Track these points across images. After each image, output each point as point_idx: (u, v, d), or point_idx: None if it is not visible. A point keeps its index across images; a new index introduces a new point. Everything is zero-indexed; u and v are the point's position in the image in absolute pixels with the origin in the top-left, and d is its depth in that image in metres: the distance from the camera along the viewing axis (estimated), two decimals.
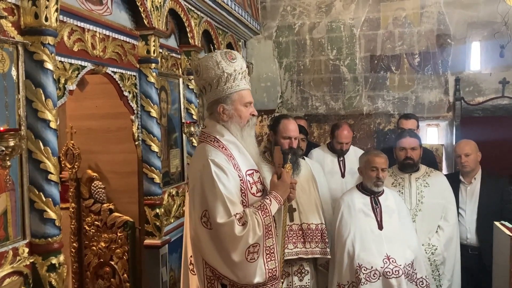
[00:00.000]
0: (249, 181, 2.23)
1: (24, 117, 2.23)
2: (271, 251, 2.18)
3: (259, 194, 2.27)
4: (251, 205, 2.19)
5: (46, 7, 2.24)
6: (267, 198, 2.22)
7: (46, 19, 2.24)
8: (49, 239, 2.29)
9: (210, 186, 2.10)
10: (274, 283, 2.20)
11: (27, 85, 2.23)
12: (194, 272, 2.26)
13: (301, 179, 3.34)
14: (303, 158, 3.82)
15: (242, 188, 2.18)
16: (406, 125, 4.45)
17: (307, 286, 3.35)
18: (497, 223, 3.35)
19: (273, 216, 2.21)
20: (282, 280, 2.41)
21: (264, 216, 2.13)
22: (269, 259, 2.16)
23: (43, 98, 2.25)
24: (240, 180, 2.18)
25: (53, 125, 2.29)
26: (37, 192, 2.26)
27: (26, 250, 2.26)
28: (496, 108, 5.68)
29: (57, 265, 2.32)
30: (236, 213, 2.08)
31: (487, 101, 5.71)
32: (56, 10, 2.31)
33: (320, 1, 6.27)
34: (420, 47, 5.98)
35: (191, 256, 2.29)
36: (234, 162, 2.20)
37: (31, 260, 2.27)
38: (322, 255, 3.33)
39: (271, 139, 3.42)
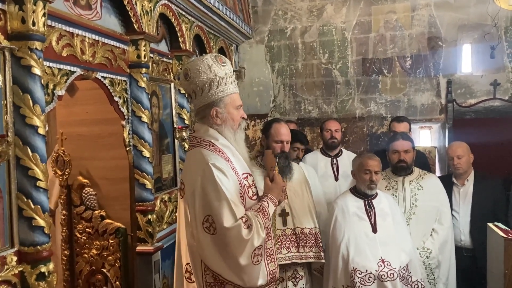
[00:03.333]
0: (245, 185, 2.23)
1: (11, 123, 2.20)
2: (271, 253, 2.21)
3: (254, 197, 2.28)
4: (248, 208, 2.19)
5: (33, 12, 2.21)
6: (264, 201, 2.24)
7: (34, 24, 2.22)
8: (38, 247, 2.25)
9: (214, 190, 2.08)
10: (271, 285, 2.21)
11: (14, 90, 2.20)
12: (191, 280, 2.22)
13: (294, 183, 3.33)
14: (298, 163, 3.80)
15: (241, 192, 2.18)
16: (399, 128, 4.45)
17: None
18: (490, 225, 3.34)
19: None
20: (276, 286, 2.38)
21: (264, 218, 2.15)
22: (269, 261, 2.19)
23: (31, 104, 2.22)
24: (239, 183, 2.18)
25: (41, 131, 2.26)
26: (26, 199, 2.23)
27: (15, 258, 2.22)
28: (487, 110, 5.70)
29: (46, 274, 2.28)
30: (242, 217, 2.08)
31: (478, 103, 5.73)
32: (44, 14, 2.28)
33: (311, 5, 6.27)
34: (412, 50, 6.00)
35: (187, 264, 2.25)
36: (232, 165, 2.19)
37: (20, 269, 2.23)
38: (316, 260, 3.31)
39: (263, 144, 3.41)
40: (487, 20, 5.55)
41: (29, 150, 2.22)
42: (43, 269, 2.27)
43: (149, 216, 3.43)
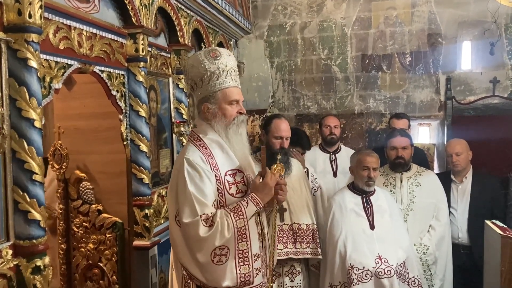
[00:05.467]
0: (228, 181, 2.19)
1: (7, 116, 2.19)
2: (245, 255, 2.10)
3: (239, 195, 2.21)
4: (227, 207, 2.14)
5: (30, 4, 2.20)
6: (244, 200, 2.15)
7: (30, 16, 2.20)
8: (34, 241, 2.25)
9: (182, 185, 2.10)
10: (253, 287, 2.14)
11: (10, 83, 2.19)
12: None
13: (292, 179, 3.32)
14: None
15: (219, 188, 2.15)
16: (398, 124, 4.45)
17: (299, 286, 3.32)
18: (488, 222, 3.34)
19: (255, 218, 2.16)
20: (271, 284, 2.37)
21: (237, 219, 2.07)
22: (241, 263, 2.09)
23: (27, 97, 2.20)
24: (217, 180, 2.15)
25: (37, 124, 2.25)
26: (21, 193, 2.22)
27: (10, 252, 2.21)
28: (487, 107, 5.69)
29: (42, 267, 2.27)
30: (203, 213, 2.05)
31: (478, 100, 5.71)
32: (41, 7, 2.27)
33: (311, 1, 6.24)
34: (411, 46, 5.98)
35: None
36: (212, 161, 2.16)
37: (15, 262, 2.22)
38: (313, 256, 3.31)
39: (262, 139, 3.40)
40: (487, 17, 5.53)
41: (25, 143, 2.21)
42: (39, 262, 2.26)
43: (146, 211, 3.43)
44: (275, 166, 2.33)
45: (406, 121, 4.53)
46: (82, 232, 3.52)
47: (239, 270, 2.09)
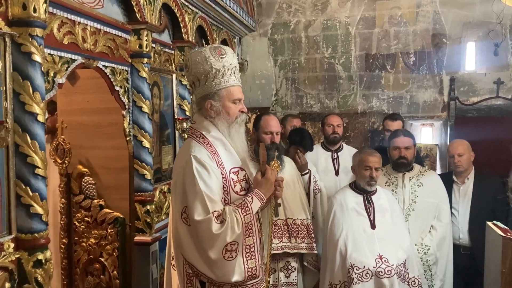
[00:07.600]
0: (232, 179, 2.20)
1: (10, 110, 2.19)
2: (251, 250, 2.14)
3: (242, 192, 2.23)
4: (233, 203, 2.16)
5: None
6: (249, 196, 2.18)
7: (35, 10, 2.20)
8: (36, 235, 2.25)
9: (191, 182, 2.08)
10: (254, 282, 2.18)
11: (14, 77, 2.19)
12: (175, 267, 2.24)
13: (286, 175, 3.32)
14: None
15: (225, 186, 2.16)
16: (392, 126, 4.39)
17: (294, 282, 3.33)
18: (489, 223, 3.34)
19: (255, 214, 2.17)
20: (268, 279, 2.38)
21: (244, 214, 2.10)
22: (248, 258, 2.13)
23: (31, 91, 2.21)
24: (223, 178, 2.16)
25: (41, 118, 2.25)
26: (24, 187, 2.23)
27: (12, 245, 2.22)
28: (490, 108, 5.68)
29: (43, 261, 2.28)
30: (215, 211, 2.06)
31: (481, 101, 5.70)
32: (45, 1, 2.27)
33: None
34: (416, 46, 5.97)
35: (173, 252, 2.27)
36: (218, 159, 2.17)
37: (17, 256, 2.23)
38: (308, 250, 3.33)
39: (253, 137, 3.43)
40: (492, 18, 5.52)
41: (28, 137, 2.21)
42: (40, 256, 2.27)
43: (148, 207, 3.43)
44: (272, 162, 2.39)
45: (400, 123, 4.47)
46: (83, 227, 3.52)
47: (247, 264, 2.12)
